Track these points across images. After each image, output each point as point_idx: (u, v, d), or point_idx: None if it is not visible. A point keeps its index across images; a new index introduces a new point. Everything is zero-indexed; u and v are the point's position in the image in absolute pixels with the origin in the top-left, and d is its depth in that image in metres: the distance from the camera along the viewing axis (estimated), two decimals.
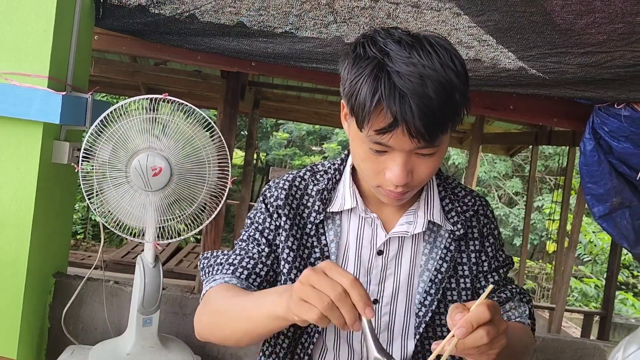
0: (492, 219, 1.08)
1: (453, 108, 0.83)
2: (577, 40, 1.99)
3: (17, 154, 1.85)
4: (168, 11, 2.26)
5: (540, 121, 3.45)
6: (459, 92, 0.83)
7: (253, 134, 6.24)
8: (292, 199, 1.03)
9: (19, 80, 1.81)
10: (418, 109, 0.79)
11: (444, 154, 0.92)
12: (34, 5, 1.81)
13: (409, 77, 0.80)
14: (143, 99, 1.80)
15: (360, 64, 0.84)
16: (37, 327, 2.05)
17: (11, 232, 1.87)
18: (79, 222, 8.07)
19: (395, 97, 0.79)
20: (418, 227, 0.99)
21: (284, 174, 1.08)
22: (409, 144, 0.83)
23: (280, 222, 1.01)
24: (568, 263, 4.37)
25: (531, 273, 8.92)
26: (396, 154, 0.86)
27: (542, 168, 10.33)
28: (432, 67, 0.81)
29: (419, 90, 0.79)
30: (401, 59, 0.81)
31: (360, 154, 0.90)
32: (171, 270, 4.94)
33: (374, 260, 0.99)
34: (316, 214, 1.01)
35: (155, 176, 1.75)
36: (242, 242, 1.04)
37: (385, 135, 0.82)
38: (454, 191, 1.07)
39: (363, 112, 0.82)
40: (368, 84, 0.82)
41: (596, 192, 2.68)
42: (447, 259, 0.99)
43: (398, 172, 0.86)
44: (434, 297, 0.98)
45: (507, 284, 1.08)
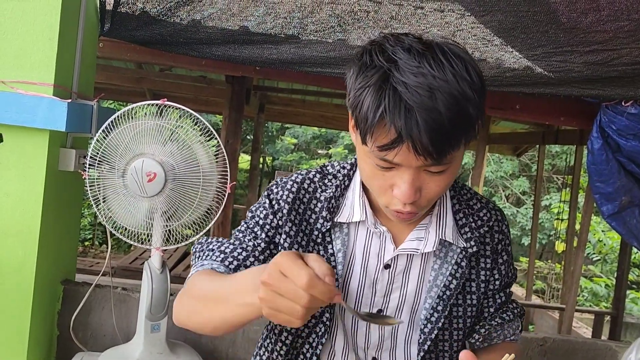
0: (507, 234, 1.03)
1: (466, 123, 0.76)
2: (583, 38, 1.97)
3: (23, 162, 1.86)
4: (173, 18, 2.27)
5: (546, 120, 3.44)
6: (473, 105, 0.76)
7: (259, 138, 6.25)
8: (299, 203, 0.97)
9: (24, 88, 1.82)
10: (425, 124, 0.73)
11: (457, 170, 0.85)
12: (39, 14, 1.82)
13: (416, 89, 0.73)
14: (144, 105, 1.81)
15: (366, 73, 0.78)
16: (45, 334, 2.06)
17: (19, 240, 1.87)
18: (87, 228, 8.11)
19: (400, 111, 0.74)
20: (429, 246, 0.93)
21: (292, 174, 1.02)
22: (416, 161, 0.77)
23: (284, 225, 0.96)
24: (577, 263, 4.34)
25: (540, 273, 8.87)
26: (403, 171, 0.80)
27: (549, 167, 10.28)
28: (443, 78, 0.74)
29: (427, 104, 0.73)
30: (409, 69, 0.75)
31: (366, 170, 0.85)
32: (179, 275, 4.94)
33: (380, 273, 0.95)
34: (323, 222, 0.96)
35: (150, 182, 1.75)
36: (240, 232, 0.99)
37: (389, 151, 0.77)
38: (469, 204, 1.01)
39: (365, 126, 0.77)
40: (372, 95, 0.76)
41: (605, 190, 2.66)
42: (458, 276, 0.95)
43: (405, 189, 0.80)
44: (440, 314, 0.95)
45: (509, 302, 1.05)
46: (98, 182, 1.80)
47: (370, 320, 0.86)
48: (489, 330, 1.02)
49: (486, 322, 1.02)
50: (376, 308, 0.96)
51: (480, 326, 1.01)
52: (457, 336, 0.98)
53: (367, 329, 0.97)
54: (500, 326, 1.02)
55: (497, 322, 1.02)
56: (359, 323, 0.97)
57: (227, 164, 1.89)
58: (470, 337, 1.01)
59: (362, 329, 0.97)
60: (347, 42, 2.33)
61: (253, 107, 5.48)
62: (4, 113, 1.79)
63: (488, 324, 1.02)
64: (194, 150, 1.83)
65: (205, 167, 1.84)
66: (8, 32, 1.82)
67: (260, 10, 2.38)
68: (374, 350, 0.98)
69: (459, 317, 0.97)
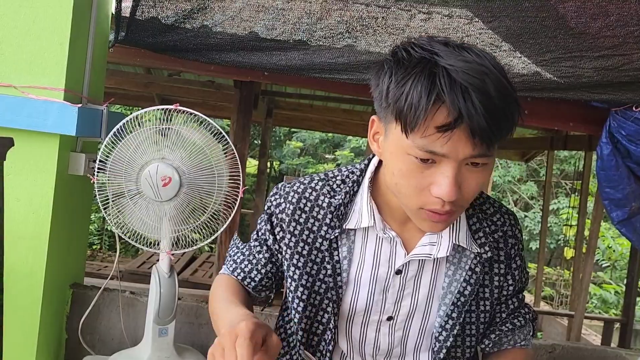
0: (519, 239, 1.01)
1: (512, 110, 0.77)
2: (592, 43, 1.97)
3: (34, 166, 1.87)
4: (186, 25, 2.28)
5: (555, 126, 3.41)
6: (514, 97, 0.77)
7: (266, 142, 6.27)
8: (300, 212, 0.97)
9: (35, 93, 1.83)
10: (481, 105, 0.73)
11: (492, 170, 0.85)
12: (50, 19, 1.84)
13: (468, 72, 0.74)
14: (155, 110, 1.82)
15: (406, 66, 0.78)
16: (54, 338, 2.07)
17: (29, 244, 1.89)
18: (95, 233, 8.15)
19: (457, 92, 0.73)
20: (442, 251, 0.92)
21: (294, 182, 1.01)
22: (464, 150, 0.76)
23: (284, 237, 0.98)
24: (586, 269, 4.31)
25: (549, 280, 8.80)
26: (446, 165, 0.77)
27: (557, 172, 10.21)
28: (487, 66, 0.76)
29: (480, 86, 0.73)
30: (454, 56, 0.75)
31: (402, 169, 0.81)
32: (186, 279, 4.95)
33: (391, 279, 0.94)
34: (329, 229, 0.94)
35: (165, 186, 1.76)
36: (254, 240, 1.05)
37: (445, 135, 0.74)
38: (482, 208, 0.99)
39: (417, 111, 0.74)
40: (422, 81, 0.75)
41: (614, 196, 2.64)
42: (472, 282, 0.94)
43: (448, 185, 0.77)
44: (455, 321, 0.94)
45: (521, 307, 1.04)
46: (108, 187, 1.81)
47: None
48: (499, 335, 1.01)
49: (497, 327, 1.01)
50: (386, 315, 0.96)
51: (491, 331, 1.01)
52: (470, 342, 0.97)
53: (376, 335, 0.96)
54: (512, 332, 1.01)
55: (508, 327, 1.01)
56: (368, 330, 0.96)
57: (240, 168, 1.90)
58: (481, 342, 1.01)
59: (371, 335, 0.96)
60: (355, 48, 2.33)
61: (261, 112, 5.50)
62: (16, 117, 1.81)
63: (499, 329, 1.01)
64: (208, 155, 1.84)
65: (218, 171, 1.86)
66: (20, 37, 1.84)
67: (269, 16, 2.39)
68: (383, 357, 0.98)
69: (472, 324, 0.96)
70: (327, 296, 0.95)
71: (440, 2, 2.18)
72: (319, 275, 0.95)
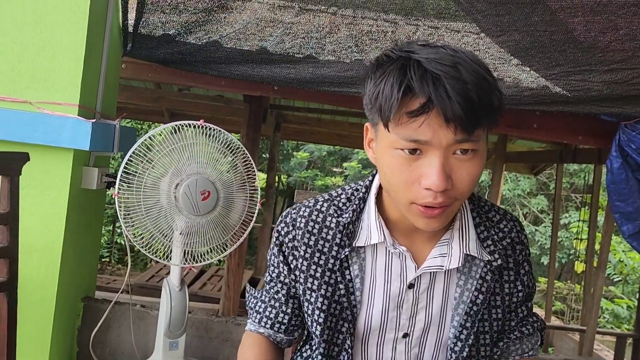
0: (526, 244, 1.01)
1: (489, 97, 0.77)
2: (601, 57, 1.97)
3: (48, 180, 1.90)
4: (194, 39, 2.32)
5: (564, 139, 3.41)
6: (493, 85, 0.79)
7: (275, 156, 6.29)
8: (309, 235, 0.96)
9: (50, 108, 1.86)
10: (453, 91, 0.74)
11: (483, 161, 0.83)
12: (65, 36, 1.88)
13: (440, 61, 0.76)
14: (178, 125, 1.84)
15: (384, 67, 0.81)
16: (66, 351, 2.08)
17: (42, 257, 1.90)
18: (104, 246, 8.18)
19: (427, 80, 0.75)
20: (454, 262, 0.91)
21: (299, 207, 1.00)
22: (446, 136, 0.77)
23: (297, 263, 0.97)
24: (598, 283, 4.26)
25: (560, 294, 8.71)
26: (432, 155, 0.78)
27: (567, 185, 10.15)
28: (461, 57, 0.78)
29: (452, 73, 0.75)
30: (428, 52, 0.78)
31: (391, 165, 0.82)
32: (195, 293, 4.95)
33: (404, 294, 0.93)
34: (339, 249, 0.94)
35: (204, 200, 1.79)
36: (267, 284, 1.04)
37: (419, 119, 0.76)
38: (488, 216, 0.98)
39: (390, 102, 0.77)
40: (394, 75, 0.78)
41: (625, 210, 2.63)
42: (483, 290, 0.93)
43: (436, 174, 0.78)
44: (470, 331, 0.93)
45: (529, 316, 1.04)
46: (128, 201, 1.82)
47: None
48: (507, 343, 1.01)
49: (505, 335, 1.01)
50: (402, 332, 0.95)
51: (499, 339, 1.01)
52: (485, 352, 0.97)
53: (393, 355, 0.96)
54: (519, 340, 1.01)
55: (516, 335, 1.01)
56: (384, 349, 0.96)
57: (257, 182, 1.94)
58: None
59: (388, 355, 0.96)
60: (364, 62, 2.35)
61: (269, 126, 5.53)
62: (32, 133, 1.84)
63: (507, 337, 1.01)
64: (240, 170, 1.91)
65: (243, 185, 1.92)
66: (36, 54, 1.87)
67: (278, 30, 2.42)
68: None
69: (486, 333, 0.96)
70: (342, 317, 0.94)
71: (448, 17, 2.20)
72: (334, 297, 0.94)
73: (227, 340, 2.18)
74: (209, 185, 1.81)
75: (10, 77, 1.87)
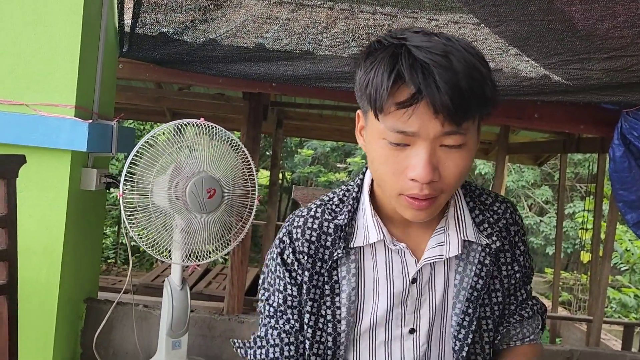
0: (520, 225, 1.00)
1: (481, 88, 0.76)
2: (600, 45, 1.95)
3: (46, 183, 1.90)
4: (190, 38, 2.31)
5: (566, 129, 3.39)
6: (485, 75, 0.77)
7: (277, 153, 6.28)
8: (308, 244, 0.93)
9: (47, 110, 1.86)
10: (443, 81, 0.73)
11: (472, 153, 0.82)
12: (60, 38, 1.87)
13: (431, 49, 0.75)
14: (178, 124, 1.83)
15: (375, 54, 0.79)
16: (69, 353, 2.08)
17: (42, 259, 1.91)
18: (110, 247, 8.21)
19: (417, 70, 0.74)
20: (453, 249, 0.90)
21: (292, 219, 0.97)
22: (434, 128, 0.76)
23: (303, 278, 0.93)
24: (604, 273, 4.24)
25: (566, 284, 8.69)
26: (419, 146, 0.77)
27: (571, 175, 10.11)
28: (454, 46, 0.76)
29: (443, 63, 0.74)
30: (420, 39, 0.77)
31: (379, 155, 0.81)
32: (200, 292, 4.96)
33: (408, 289, 0.92)
34: (334, 250, 0.92)
35: (210, 198, 1.80)
36: (271, 318, 0.96)
37: (408, 111, 0.75)
38: (481, 199, 0.97)
39: (380, 91, 0.76)
40: (384, 64, 0.76)
41: (628, 198, 2.61)
42: (483, 275, 0.92)
43: (422, 165, 0.77)
44: (472, 317, 0.92)
45: (529, 299, 1.03)
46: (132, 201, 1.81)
47: None
48: (507, 327, 0.99)
49: (505, 320, 0.99)
50: (408, 327, 0.93)
51: (499, 323, 0.99)
52: (488, 337, 0.95)
53: (402, 353, 0.94)
54: (520, 323, 1.00)
55: (516, 319, 0.99)
56: (392, 347, 0.94)
57: (256, 179, 1.94)
58: None
59: (397, 354, 0.94)
60: None
61: (271, 123, 5.52)
62: (29, 135, 1.83)
63: (507, 322, 1.00)
64: (242, 168, 1.91)
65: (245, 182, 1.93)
66: (31, 56, 1.87)
67: (275, 27, 2.41)
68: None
69: (488, 318, 0.95)
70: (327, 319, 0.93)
71: (445, 9, 2.18)
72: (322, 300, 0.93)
73: (231, 338, 2.18)
74: (214, 183, 1.81)
75: (6, 80, 1.86)
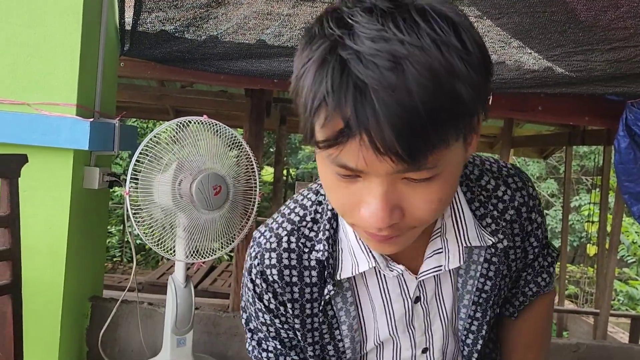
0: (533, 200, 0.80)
1: (452, 109, 0.51)
2: (603, 36, 1.93)
3: (49, 182, 1.90)
4: (191, 36, 2.30)
5: (570, 121, 3.37)
6: (465, 84, 0.52)
7: (281, 150, 6.28)
8: (290, 288, 0.76)
9: (48, 109, 1.86)
10: (386, 109, 0.49)
11: (455, 177, 0.60)
12: (60, 37, 1.87)
13: (373, 58, 0.50)
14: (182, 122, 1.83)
15: (311, 47, 0.55)
16: (75, 351, 2.09)
17: (46, 258, 1.91)
18: (116, 246, 8.25)
19: (347, 91, 0.51)
20: (453, 260, 0.74)
21: (261, 255, 0.77)
22: (382, 166, 0.53)
23: (294, 323, 0.79)
24: (610, 266, 4.22)
25: (573, 278, 8.66)
26: (371, 181, 0.56)
27: (577, 168, 10.07)
28: (415, 44, 0.50)
29: (388, 80, 0.49)
30: (366, 34, 0.51)
31: (325, 182, 0.61)
32: (206, 289, 4.97)
33: (412, 311, 0.79)
34: (323, 288, 0.76)
35: (216, 195, 1.81)
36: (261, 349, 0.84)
37: (336, 148, 0.54)
38: (480, 184, 0.77)
39: (305, 115, 0.55)
40: (311, 73, 0.54)
41: (634, 190, 2.59)
42: (492, 275, 0.78)
43: (375, 208, 0.56)
44: (481, 321, 0.81)
45: (548, 265, 0.88)
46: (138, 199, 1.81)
47: None
48: (523, 302, 0.89)
49: (519, 290, 0.88)
50: (420, 348, 0.82)
51: (513, 294, 0.88)
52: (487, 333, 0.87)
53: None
54: (536, 295, 0.88)
55: (533, 291, 0.88)
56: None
57: (257, 175, 1.94)
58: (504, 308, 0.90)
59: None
60: None
61: (274, 120, 5.52)
62: (31, 134, 1.84)
63: (522, 294, 0.88)
64: (245, 164, 1.92)
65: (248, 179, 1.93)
66: (31, 56, 1.87)
67: (276, 23, 2.40)
68: None
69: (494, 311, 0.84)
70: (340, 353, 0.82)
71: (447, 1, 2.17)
72: (328, 341, 0.81)
73: (236, 335, 2.18)
74: (219, 180, 1.81)
75: (8, 79, 1.87)
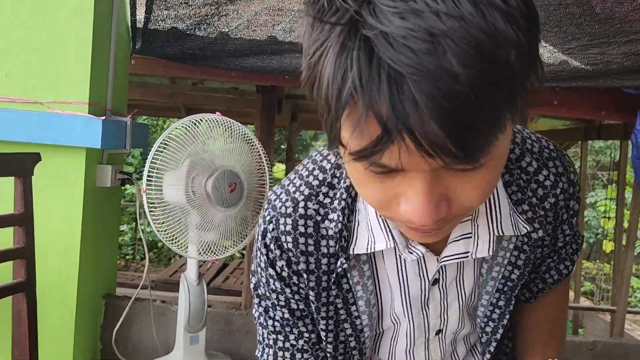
0: (574, 187, 0.73)
1: (506, 86, 0.42)
2: (620, 28, 1.89)
3: (62, 180, 1.91)
4: (203, 33, 2.30)
5: (586, 115, 3.32)
6: (517, 51, 0.42)
7: (292, 147, 6.27)
8: (305, 257, 0.71)
9: (61, 108, 1.87)
10: (430, 102, 0.40)
11: (503, 157, 0.52)
12: (72, 36, 1.88)
13: (406, 41, 0.40)
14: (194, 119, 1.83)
15: (323, 24, 0.45)
16: (89, 348, 2.10)
17: (60, 257, 1.92)
18: (129, 244, 8.30)
19: (379, 85, 0.41)
20: (482, 248, 0.66)
21: (276, 219, 0.71)
22: (427, 162, 0.45)
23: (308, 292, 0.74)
24: (627, 262, 4.16)
25: (589, 274, 8.56)
26: (413, 176, 0.48)
27: (593, 163, 9.94)
28: (453, 14, 0.40)
29: (428, 65, 0.40)
30: (392, 8, 0.41)
31: (354, 176, 0.53)
32: (218, 287, 4.98)
33: (428, 292, 0.73)
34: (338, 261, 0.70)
35: (232, 192, 1.81)
36: (277, 334, 0.78)
37: (375, 156, 0.45)
38: (521, 165, 0.69)
39: (329, 116, 0.46)
40: (330, 62, 0.44)
41: None
42: (520, 264, 0.71)
43: (420, 204, 0.49)
44: (504, 310, 0.75)
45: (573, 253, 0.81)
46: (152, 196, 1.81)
47: None
48: (542, 289, 0.81)
49: (538, 276, 0.80)
50: (434, 331, 0.79)
51: (531, 279, 0.81)
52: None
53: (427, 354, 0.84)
54: (557, 282, 0.82)
55: (555, 278, 0.81)
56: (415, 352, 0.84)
57: (268, 172, 1.94)
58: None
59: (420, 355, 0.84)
60: None
61: (285, 116, 5.51)
62: (43, 133, 1.85)
63: (542, 281, 0.81)
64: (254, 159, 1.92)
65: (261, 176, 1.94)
66: (43, 55, 1.88)
67: (287, 19, 2.38)
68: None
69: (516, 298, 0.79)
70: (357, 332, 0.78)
71: None
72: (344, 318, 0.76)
73: (248, 332, 2.18)
74: (234, 177, 1.82)
75: (21, 79, 1.88)
